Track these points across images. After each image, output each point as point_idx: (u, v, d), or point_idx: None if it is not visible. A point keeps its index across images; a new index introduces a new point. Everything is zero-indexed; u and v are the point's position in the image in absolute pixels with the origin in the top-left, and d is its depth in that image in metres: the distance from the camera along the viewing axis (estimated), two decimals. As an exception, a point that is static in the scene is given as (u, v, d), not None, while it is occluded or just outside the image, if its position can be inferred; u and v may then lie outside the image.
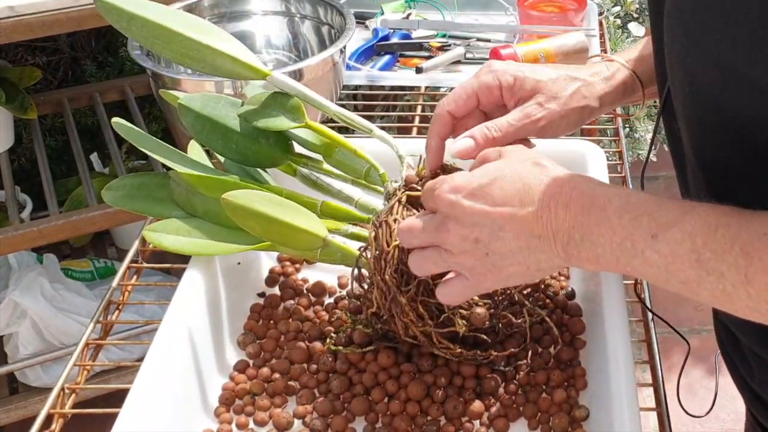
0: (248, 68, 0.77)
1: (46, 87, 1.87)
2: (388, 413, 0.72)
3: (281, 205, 0.72)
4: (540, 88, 0.71)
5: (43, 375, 1.68)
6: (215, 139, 0.79)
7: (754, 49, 0.49)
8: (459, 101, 0.71)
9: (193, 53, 0.76)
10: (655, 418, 0.71)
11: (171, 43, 0.76)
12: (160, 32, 0.75)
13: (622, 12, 1.72)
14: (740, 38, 0.49)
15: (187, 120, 0.79)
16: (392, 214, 0.70)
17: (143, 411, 0.65)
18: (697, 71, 0.54)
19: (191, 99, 0.79)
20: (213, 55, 0.76)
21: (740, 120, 0.53)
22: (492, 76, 0.71)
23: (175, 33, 0.75)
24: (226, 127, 0.79)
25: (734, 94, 0.52)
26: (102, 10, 0.76)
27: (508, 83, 0.71)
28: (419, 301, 0.68)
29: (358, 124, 0.77)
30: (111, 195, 0.81)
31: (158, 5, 0.77)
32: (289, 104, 0.77)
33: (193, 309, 0.75)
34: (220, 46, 0.76)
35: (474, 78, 0.72)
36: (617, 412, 0.64)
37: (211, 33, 0.77)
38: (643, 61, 0.77)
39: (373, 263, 0.70)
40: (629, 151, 1.77)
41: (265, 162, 0.81)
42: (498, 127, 0.69)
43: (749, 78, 0.50)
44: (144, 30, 0.76)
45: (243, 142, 0.79)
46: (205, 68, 0.77)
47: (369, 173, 0.78)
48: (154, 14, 0.76)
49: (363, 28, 1.32)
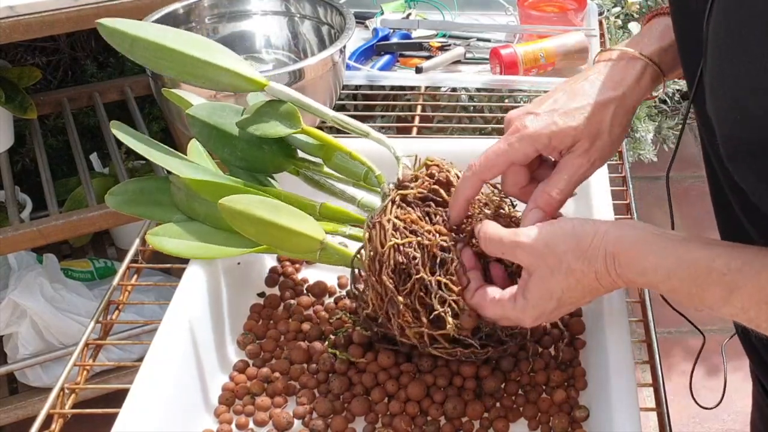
0: (247, 80, 0.79)
1: (46, 87, 1.87)
2: (388, 413, 0.72)
3: (278, 209, 0.72)
4: (580, 135, 0.67)
5: (43, 375, 1.68)
6: (221, 147, 0.81)
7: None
8: (494, 170, 0.68)
9: (195, 70, 0.79)
10: (655, 418, 0.71)
11: (173, 62, 0.79)
12: (162, 53, 0.79)
13: (623, 12, 1.72)
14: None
15: (195, 129, 0.82)
16: (386, 214, 0.70)
17: (143, 411, 0.65)
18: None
19: (198, 109, 0.82)
20: (214, 71, 0.79)
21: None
22: (527, 144, 0.67)
23: (177, 52, 0.78)
24: (231, 135, 0.81)
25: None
26: (105, 35, 0.80)
27: (546, 146, 0.67)
28: (415, 300, 0.68)
29: (355, 128, 0.78)
30: (113, 200, 0.82)
31: (159, 26, 0.81)
32: (284, 111, 0.78)
33: (193, 309, 0.75)
34: (219, 62, 0.79)
35: (507, 145, 0.67)
36: (617, 412, 0.64)
37: (210, 49, 0.80)
38: (665, 53, 0.71)
39: (367, 264, 0.70)
40: (629, 151, 1.77)
41: (269, 168, 0.83)
42: (558, 189, 0.68)
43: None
44: (147, 52, 0.79)
45: (247, 149, 0.81)
46: (207, 83, 0.81)
47: (367, 175, 0.78)
48: (155, 36, 0.79)
49: (363, 28, 1.32)
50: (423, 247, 0.68)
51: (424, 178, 0.72)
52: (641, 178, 2.24)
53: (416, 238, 0.68)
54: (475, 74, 1.21)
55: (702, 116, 0.64)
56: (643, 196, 2.19)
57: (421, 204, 0.71)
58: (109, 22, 0.79)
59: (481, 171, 0.68)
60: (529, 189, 0.70)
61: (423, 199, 0.71)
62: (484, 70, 1.22)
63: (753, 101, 0.50)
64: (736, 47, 0.51)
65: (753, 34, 0.50)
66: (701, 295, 0.57)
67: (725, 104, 0.53)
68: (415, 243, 0.68)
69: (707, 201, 0.72)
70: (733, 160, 0.54)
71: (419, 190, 0.71)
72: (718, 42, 0.53)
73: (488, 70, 1.21)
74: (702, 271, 0.57)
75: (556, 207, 0.68)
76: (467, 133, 1.45)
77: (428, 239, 0.68)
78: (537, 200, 0.68)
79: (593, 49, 1.21)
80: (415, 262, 0.67)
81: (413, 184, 0.71)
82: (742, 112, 0.51)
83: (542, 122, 0.67)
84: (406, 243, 0.68)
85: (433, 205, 0.71)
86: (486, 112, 1.42)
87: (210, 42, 0.81)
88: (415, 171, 0.73)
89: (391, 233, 0.68)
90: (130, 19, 0.80)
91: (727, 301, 0.56)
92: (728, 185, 0.63)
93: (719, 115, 0.54)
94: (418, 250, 0.68)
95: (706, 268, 0.56)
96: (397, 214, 0.69)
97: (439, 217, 0.70)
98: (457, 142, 1.00)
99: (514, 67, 1.17)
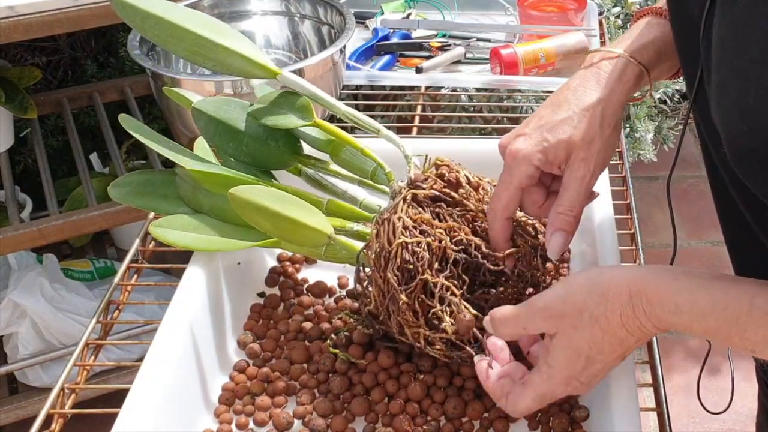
0: (259, 67, 0.78)
1: (46, 87, 1.87)
2: (388, 413, 0.72)
3: (287, 201, 0.72)
4: (572, 144, 0.67)
5: (42, 375, 1.68)
6: (226, 141, 0.80)
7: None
8: (510, 205, 0.69)
9: (205, 51, 0.77)
10: (655, 418, 0.71)
11: (183, 41, 0.77)
12: (173, 30, 0.76)
13: (623, 12, 1.72)
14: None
15: (200, 123, 0.80)
16: (396, 212, 0.70)
17: (143, 411, 0.65)
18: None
19: (204, 103, 0.80)
20: (225, 54, 0.77)
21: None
22: (524, 166, 0.67)
23: (188, 31, 0.76)
24: (237, 129, 0.80)
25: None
26: (117, 8, 0.77)
27: (542, 162, 0.67)
28: (415, 300, 0.68)
29: (366, 124, 0.77)
30: (117, 191, 0.81)
31: (172, 4, 0.78)
32: (299, 103, 0.77)
33: (193, 309, 0.75)
34: (232, 45, 0.77)
35: (509, 174, 0.68)
36: (617, 412, 0.64)
37: (223, 32, 0.78)
38: (645, 50, 0.71)
39: (373, 260, 0.70)
40: (629, 151, 1.77)
41: (275, 164, 0.82)
42: (571, 207, 0.68)
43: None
44: (157, 28, 0.77)
45: (253, 144, 0.80)
46: (217, 66, 0.78)
47: (375, 172, 0.78)
48: (168, 13, 0.76)
49: (363, 28, 1.32)
50: (431, 249, 0.68)
51: (434, 178, 0.72)
52: (641, 178, 2.25)
53: (426, 238, 0.68)
54: (475, 74, 1.21)
55: (705, 121, 0.64)
56: (643, 196, 2.20)
57: (431, 204, 0.71)
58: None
59: (502, 210, 0.69)
60: (548, 205, 0.70)
61: (434, 199, 0.71)
62: (484, 70, 1.22)
63: (763, 111, 0.49)
64: (741, 56, 0.51)
65: (759, 42, 0.50)
66: (742, 335, 0.54)
67: (733, 114, 0.52)
68: (425, 243, 0.68)
69: (707, 201, 0.71)
70: (742, 166, 0.53)
71: (431, 190, 0.71)
72: (723, 50, 0.53)
73: (488, 70, 1.21)
74: (744, 309, 0.54)
75: (573, 223, 0.68)
76: (467, 133, 1.45)
77: (440, 238, 0.68)
78: (554, 223, 0.68)
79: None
80: (422, 262, 0.67)
81: (425, 184, 0.71)
82: (752, 122, 0.50)
83: (533, 141, 0.67)
84: (415, 242, 0.68)
85: (444, 205, 0.71)
86: (486, 112, 1.42)
87: (224, 25, 0.79)
88: (425, 171, 0.73)
89: (401, 231, 0.68)
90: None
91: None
92: (732, 184, 0.63)
93: (726, 123, 0.53)
94: (427, 251, 0.68)
95: (749, 305, 0.54)
96: (409, 213, 0.69)
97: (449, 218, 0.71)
98: (457, 142, 1.00)
99: (514, 67, 1.17)
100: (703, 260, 2.10)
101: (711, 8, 0.55)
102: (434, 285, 0.67)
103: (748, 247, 0.68)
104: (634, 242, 0.89)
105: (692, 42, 0.60)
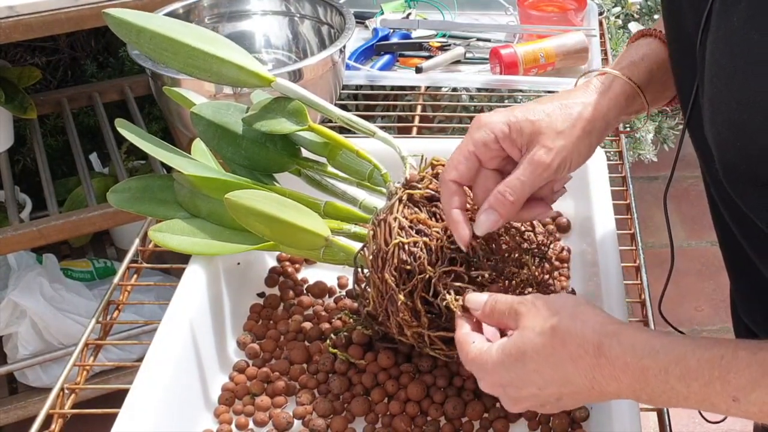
0: (253, 76, 0.79)
1: (46, 87, 1.87)
2: (388, 413, 0.72)
3: (284, 205, 0.72)
4: (539, 129, 0.65)
5: (42, 375, 1.68)
6: (225, 145, 0.81)
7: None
8: (459, 166, 0.66)
9: (200, 63, 0.78)
10: (655, 418, 0.71)
11: (178, 54, 0.78)
12: (167, 44, 0.78)
13: (623, 12, 1.72)
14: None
15: (199, 128, 0.81)
16: (392, 212, 0.70)
17: (143, 411, 0.65)
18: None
19: (203, 107, 0.81)
20: (219, 64, 0.78)
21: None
22: (483, 131, 0.65)
23: (183, 44, 0.77)
24: (235, 133, 0.81)
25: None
26: (112, 25, 0.79)
27: (504, 133, 0.65)
28: (416, 299, 0.68)
29: (361, 127, 0.78)
30: (116, 197, 0.82)
31: (165, 18, 0.80)
32: (291, 108, 0.78)
33: (192, 309, 0.75)
34: (225, 55, 0.78)
35: (467, 138, 0.67)
36: (617, 412, 0.64)
37: (216, 42, 0.79)
38: (635, 66, 0.71)
39: (370, 261, 0.70)
40: (629, 151, 1.77)
41: (273, 167, 0.83)
42: (512, 190, 0.64)
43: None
44: (152, 43, 0.78)
45: (251, 148, 0.81)
46: (212, 77, 0.80)
47: (372, 174, 0.78)
48: (162, 27, 0.78)
49: (363, 28, 1.32)
50: (429, 248, 0.68)
51: (430, 177, 0.72)
52: (641, 178, 2.25)
53: (422, 238, 0.68)
54: (475, 74, 1.21)
55: (697, 140, 0.62)
56: (643, 196, 2.20)
57: (427, 204, 0.71)
58: (115, 12, 0.78)
59: (449, 171, 0.66)
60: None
61: (429, 199, 0.71)
62: (484, 70, 1.22)
63: (760, 133, 0.48)
64: (735, 70, 0.50)
65: (752, 55, 0.49)
66: (725, 377, 0.51)
67: (726, 130, 0.51)
68: (421, 243, 0.68)
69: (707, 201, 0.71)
70: (734, 183, 0.52)
71: (426, 190, 0.71)
72: (716, 65, 0.52)
73: (488, 70, 1.21)
74: (729, 350, 0.52)
75: (509, 207, 0.64)
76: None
77: (437, 237, 0.68)
78: (489, 200, 0.65)
79: (593, 49, 1.21)
80: (419, 261, 0.67)
81: (421, 184, 0.71)
82: (744, 138, 0.49)
83: (501, 114, 0.66)
84: (412, 242, 0.68)
85: (440, 205, 0.71)
86: (486, 112, 1.42)
87: (216, 36, 0.80)
88: (421, 171, 0.73)
89: (397, 231, 0.68)
90: (136, 10, 0.79)
91: (759, 383, 0.50)
92: (720, 198, 0.62)
93: (718, 139, 0.52)
94: (424, 250, 0.68)
95: (734, 346, 0.52)
96: (404, 213, 0.69)
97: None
98: (455, 142, 1.00)
99: (514, 67, 1.17)
100: (703, 260, 2.10)
101: (707, 24, 0.55)
102: (435, 279, 0.67)
103: (744, 263, 0.67)
104: (634, 242, 0.89)
105: (688, 59, 0.60)
